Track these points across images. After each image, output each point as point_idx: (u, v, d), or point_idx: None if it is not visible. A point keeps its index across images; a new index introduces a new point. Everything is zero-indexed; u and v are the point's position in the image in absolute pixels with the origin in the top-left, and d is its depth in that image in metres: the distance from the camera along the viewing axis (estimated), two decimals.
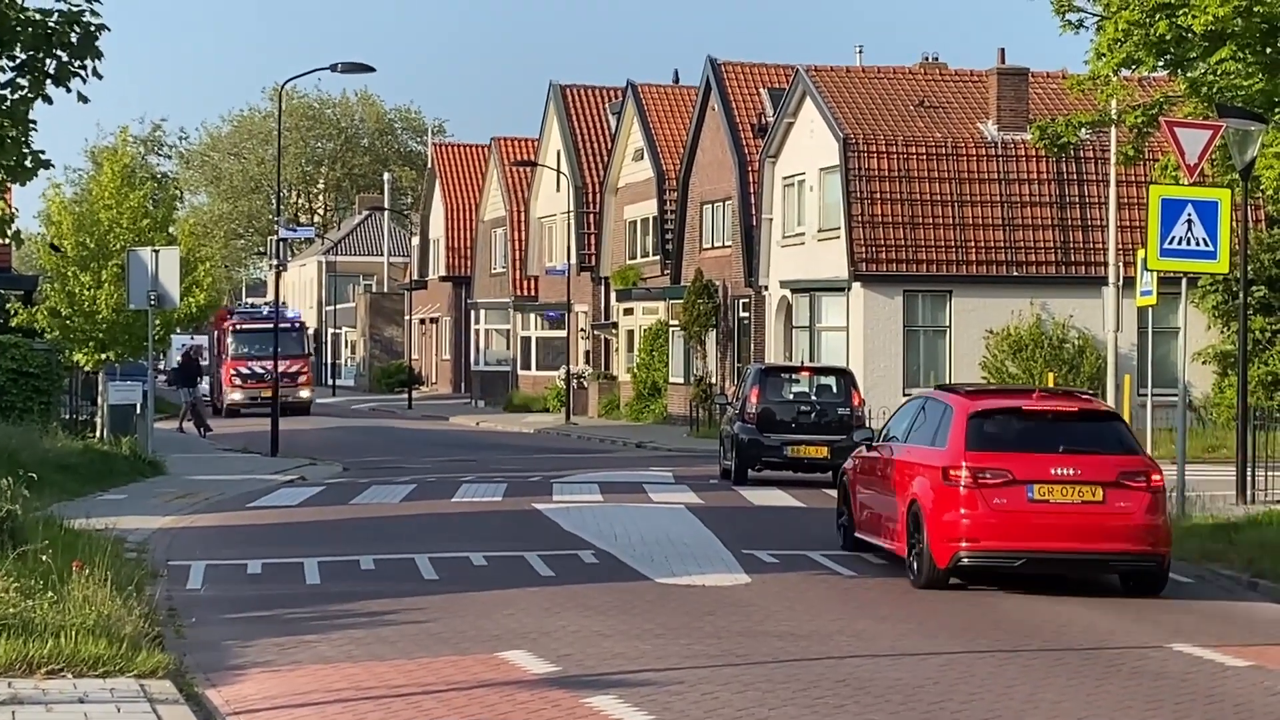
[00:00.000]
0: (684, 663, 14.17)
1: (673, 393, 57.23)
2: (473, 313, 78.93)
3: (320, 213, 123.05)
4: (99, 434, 38.50)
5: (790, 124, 49.81)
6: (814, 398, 33.46)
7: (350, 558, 20.81)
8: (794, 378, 34.75)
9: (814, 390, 33.94)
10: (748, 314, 53.15)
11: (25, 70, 18.93)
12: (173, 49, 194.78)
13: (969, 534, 18.59)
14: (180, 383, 53.48)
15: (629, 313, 62.51)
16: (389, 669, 13.92)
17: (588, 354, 68.08)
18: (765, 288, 51.12)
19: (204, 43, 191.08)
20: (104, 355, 39.56)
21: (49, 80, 18.91)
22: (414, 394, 77.20)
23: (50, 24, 18.79)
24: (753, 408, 32.81)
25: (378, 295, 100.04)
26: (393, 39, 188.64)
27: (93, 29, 18.86)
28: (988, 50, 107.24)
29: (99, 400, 40.36)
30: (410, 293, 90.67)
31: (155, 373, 40.96)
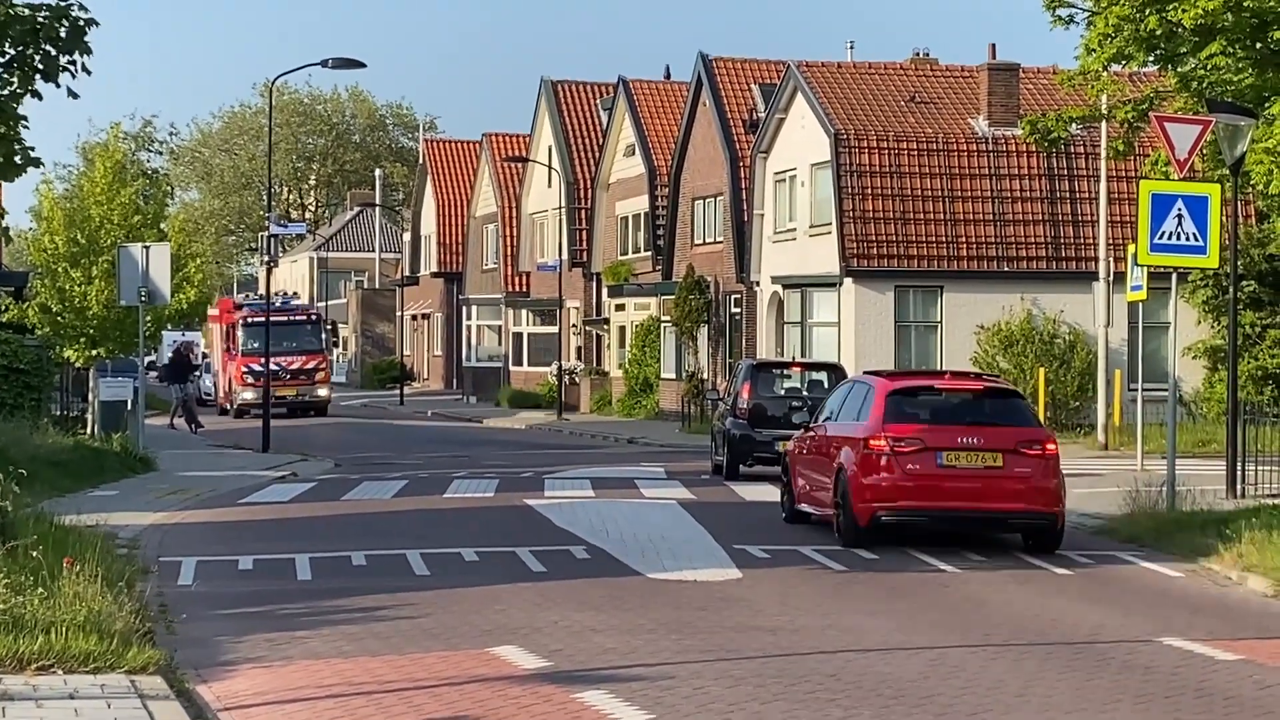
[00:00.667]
0: (675, 657, 14.18)
1: (664, 388, 57.22)
2: (464, 309, 78.86)
3: (311, 209, 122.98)
4: (90, 430, 38.47)
5: (781, 119, 49.82)
6: (805, 393, 33.39)
7: (342, 553, 20.79)
8: (786, 373, 34.76)
9: (805, 386, 33.90)
10: (739, 309, 53.15)
11: (14, 66, 18.87)
12: (163, 45, 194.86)
13: (887, 496, 21.00)
14: (171, 379, 52.91)
15: (621, 308, 62.48)
16: (380, 664, 13.91)
17: (579, 350, 68.05)
18: (757, 283, 51.10)
19: (195, 38, 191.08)
20: (95, 351, 39.53)
21: (38, 75, 18.85)
22: (406, 390, 77.16)
23: (39, 19, 18.72)
24: (744, 403, 32.80)
25: (369, 291, 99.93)
26: (384, 34, 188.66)
27: (81, 24, 18.80)
28: (979, 46, 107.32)
29: (90, 396, 40.32)
30: (402, 289, 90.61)
31: (146, 369, 40.80)
